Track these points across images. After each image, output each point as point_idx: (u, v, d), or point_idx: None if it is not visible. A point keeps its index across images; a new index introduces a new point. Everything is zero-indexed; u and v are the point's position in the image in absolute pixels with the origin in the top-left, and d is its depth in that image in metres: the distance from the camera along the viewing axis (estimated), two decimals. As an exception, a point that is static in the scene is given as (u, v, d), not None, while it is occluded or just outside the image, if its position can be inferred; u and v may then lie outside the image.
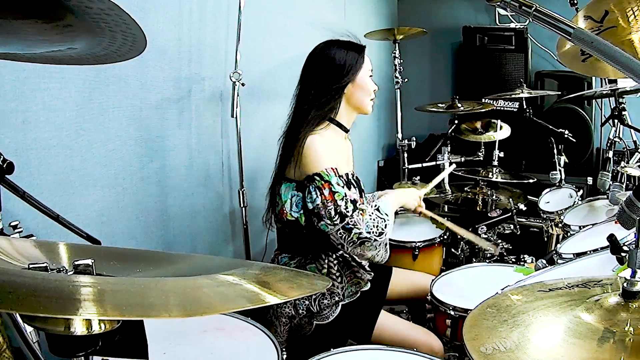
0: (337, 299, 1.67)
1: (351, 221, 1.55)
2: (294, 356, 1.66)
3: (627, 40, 1.22)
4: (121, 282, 0.61)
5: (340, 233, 1.55)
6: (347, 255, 1.73)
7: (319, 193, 1.56)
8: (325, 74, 1.68)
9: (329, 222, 1.55)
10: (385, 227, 1.62)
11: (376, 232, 1.58)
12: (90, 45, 0.76)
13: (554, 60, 3.67)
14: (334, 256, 1.71)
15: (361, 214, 1.58)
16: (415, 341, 1.62)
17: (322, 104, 1.68)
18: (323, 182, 1.57)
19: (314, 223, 1.58)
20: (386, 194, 1.86)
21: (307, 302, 1.64)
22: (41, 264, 0.63)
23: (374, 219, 1.60)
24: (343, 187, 1.59)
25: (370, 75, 1.75)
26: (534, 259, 2.22)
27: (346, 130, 1.78)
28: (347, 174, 1.73)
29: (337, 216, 1.55)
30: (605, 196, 2.13)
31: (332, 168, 1.60)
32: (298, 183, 1.64)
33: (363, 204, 1.72)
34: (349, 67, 1.68)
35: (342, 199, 1.56)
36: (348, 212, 1.55)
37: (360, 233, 1.55)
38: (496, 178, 2.66)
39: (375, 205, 1.65)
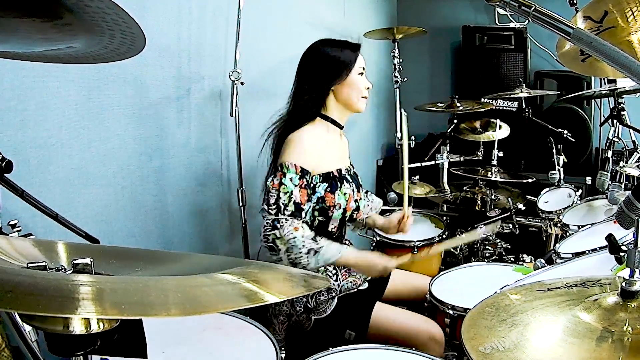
0: (333, 294, 1.68)
1: (282, 221, 1.50)
2: (292, 355, 1.66)
3: (626, 41, 1.22)
4: (120, 280, 0.61)
5: (267, 222, 1.51)
6: None
7: (272, 179, 1.58)
8: (316, 72, 1.70)
9: (265, 206, 1.54)
10: (302, 265, 1.50)
11: (288, 256, 1.49)
12: (89, 44, 0.76)
13: (553, 60, 3.66)
14: None
15: (295, 228, 1.50)
16: (414, 328, 1.61)
17: (312, 101, 1.70)
18: (280, 172, 1.57)
19: None
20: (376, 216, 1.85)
21: (304, 300, 1.65)
22: (40, 263, 0.63)
23: (300, 247, 1.48)
24: (296, 186, 1.56)
25: (362, 73, 1.74)
26: (532, 258, 2.23)
27: (340, 127, 1.78)
28: (339, 170, 1.73)
29: (274, 206, 1.53)
30: (604, 196, 2.12)
31: (295, 165, 1.58)
32: None
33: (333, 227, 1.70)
34: (338, 65, 1.69)
35: (286, 193, 1.54)
36: (287, 210, 1.52)
37: (277, 238, 1.48)
38: (495, 177, 2.66)
39: (324, 246, 1.53)
